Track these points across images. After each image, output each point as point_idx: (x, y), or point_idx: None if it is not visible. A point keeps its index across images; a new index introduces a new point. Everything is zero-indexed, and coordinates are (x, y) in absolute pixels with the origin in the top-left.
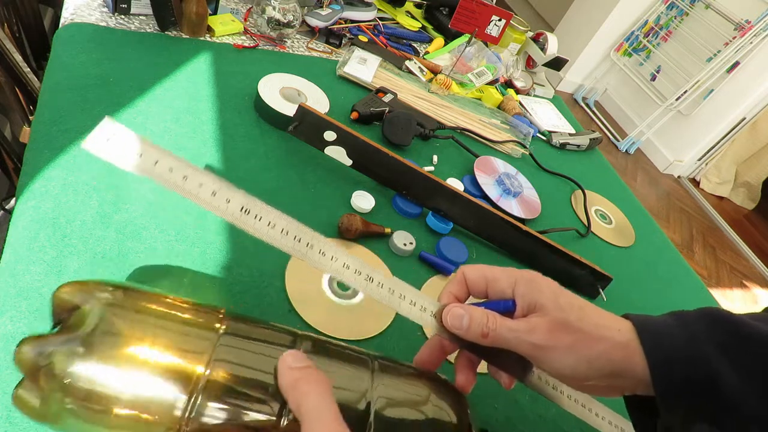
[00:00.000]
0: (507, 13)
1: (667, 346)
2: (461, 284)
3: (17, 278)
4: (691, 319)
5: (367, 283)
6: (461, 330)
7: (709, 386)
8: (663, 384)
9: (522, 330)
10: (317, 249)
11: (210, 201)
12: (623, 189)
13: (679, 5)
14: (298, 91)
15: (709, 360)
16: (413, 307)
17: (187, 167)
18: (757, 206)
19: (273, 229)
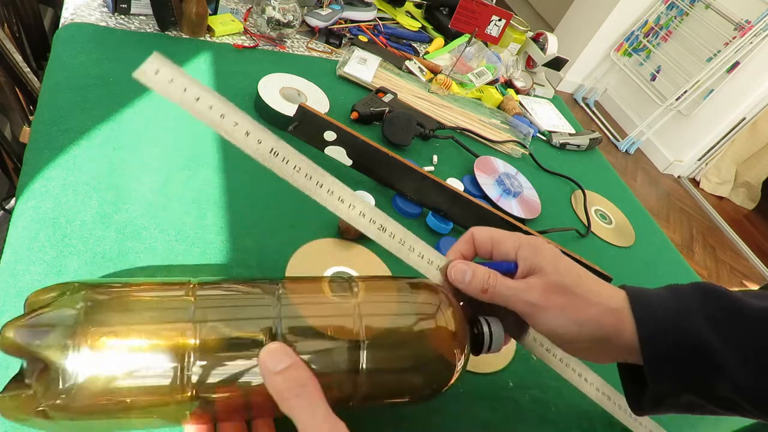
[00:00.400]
0: (507, 13)
1: (658, 315)
2: (469, 243)
3: (17, 278)
4: (684, 292)
5: (380, 232)
6: (463, 284)
7: (697, 357)
8: (651, 351)
9: (519, 288)
10: (337, 195)
11: (244, 140)
12: (623, 189)
13: (679, 5)
14: (298, 91)
15: (699, 331)
16: (421, 259)
17: (225, 106)
18: (757, 206)
19: (298, 173)
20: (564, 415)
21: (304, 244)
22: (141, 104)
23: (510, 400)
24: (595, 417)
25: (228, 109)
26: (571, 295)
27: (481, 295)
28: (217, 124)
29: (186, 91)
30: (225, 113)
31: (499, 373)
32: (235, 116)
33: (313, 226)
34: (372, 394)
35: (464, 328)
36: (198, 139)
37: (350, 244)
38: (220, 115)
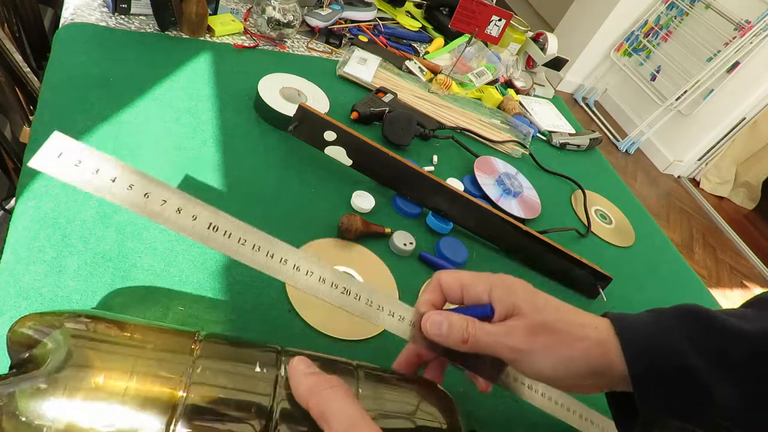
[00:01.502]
0: (507, 13)
1: (642, 340)
2: (437, 291)
3: (17, 278)
4: (666, 314)
5: (344, 296)
6: (441, 337)
7: (682, 377)
8: (639, 374)
9: (501, 334)
10: (291, 264)
11: (176, 220)
12: (623, 189)
13: (679, 5)
14: (298, 91)
15: (682, 353)
16: (392, 318)
17: (148, 182)
18: (757, 206)
19: (243, 246)
20: None
21: (304, 244)
22: (141, 104)
23: (510, 400)
24: None
25: (152, 185)
26: (556, 333)
27: (462, 345)
28: (139, 206)
29: (98, 173)
30: (149, 191)
31: None
32: (161, 192)
33: (313, 226)
34: None
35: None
36: (198, 139)
37: (350, 244)
38: (144, 195)
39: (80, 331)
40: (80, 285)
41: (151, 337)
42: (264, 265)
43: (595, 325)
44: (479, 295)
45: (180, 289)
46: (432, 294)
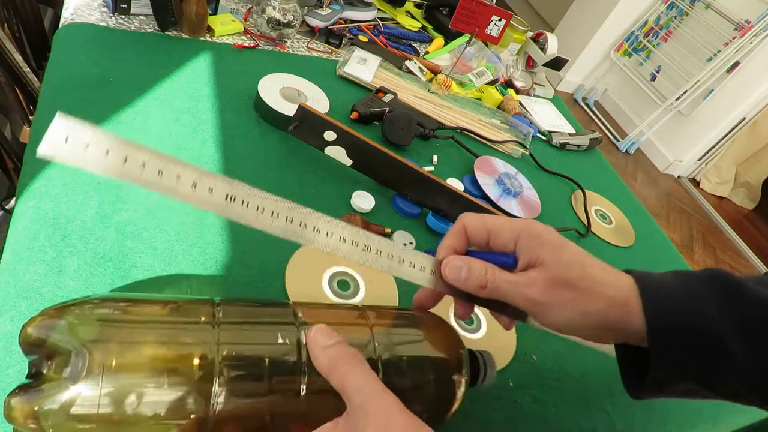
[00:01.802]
0: (507, 13)
1: (666, 303)
2: (460, 235)
3: (17, 278)
4: (693, 277)
5: (365, 253)
6: (459, 281)
7: (706, 347)
8: (657, 338)
9: (520, 283)
10: (311, 227)
11: (192, 194)
12: (623, 189)
13: (679, 5)
14: (298, 91)
15: (706, 318)
16: (413, 269)
17: (160, 159)
18: (757, 206)
19: (262, 213)
20: (564, 415)
21: None
22: (141, 104)
23: (510, 400)
24: (595, 417)
25: (165, 162)
26: (576, 290)
27: (480, 291)
28: (155, 184)
29: (109, 154)
30: (162, 168)
31: (499, 373)
32: (175, 168)
33: None
34: None
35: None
36: (198, 139)
37: None
38: (158, 172)
39: (105, 314)
40: (80, 285)
41: (171, 309)
42: (285, 231)
43: (619, 285)
44: (505, 242)
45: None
46: (454, 238)
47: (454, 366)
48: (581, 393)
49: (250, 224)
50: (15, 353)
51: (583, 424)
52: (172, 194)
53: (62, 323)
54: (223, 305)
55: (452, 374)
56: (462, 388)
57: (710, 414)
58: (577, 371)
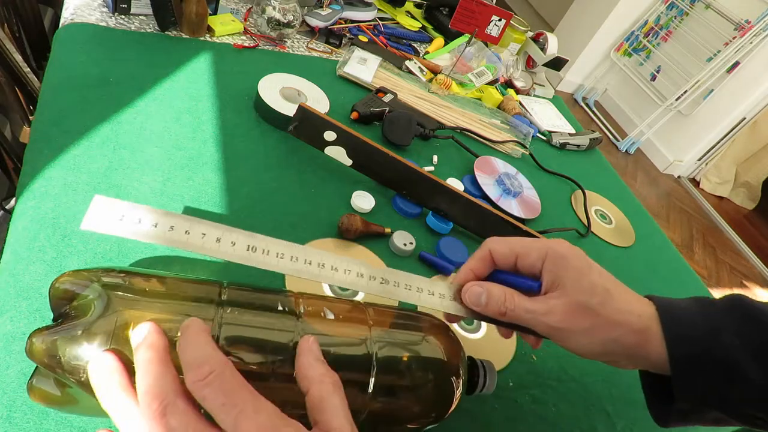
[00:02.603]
0: (507, 13)
1: (686, 330)
2: (484, 260)
3: (17, 278)
4: (714, 304)
5: (384, 286)
6: (479, 307)
7: (726, 375)
8: (679, 367)
9: (539, 312)
10: (329, 266)
11: (217, 249)
12: (623, 189)
13: (679, 5)
14: (298, 91)
15: (725, 346)
16: (432, 296)
17: (185, 221)
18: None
19: (282, 259)
20: (564, 415)
21: (304, 244)
22: (141, 104)
23: (510, 400)
24: (595, 417)
25: (190, 223)
26: (596, 317)
27: (500, 317)
28: (184, 243)
29: (141, 222)
30: (188, 228)
31: (499, 373)
32: (199, 227)
33: (313, 226)
34: (376, 413)
35: (463, 367)
36: (198, 139)
37: (350, 244)
38: (185, 232)
39: (117, 283)
40: None
41: (183, 286)
42: (307, 272)
43: (639, 312)
44: (533, 263)
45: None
46: (478, 263)
47: (450, 370)
48: (581, 393)
49: (273, 269)
50: (15, 353)
51: (583, 424)
52: (199, 251)
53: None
54: (229, 288)
55: (448, 378)
56: (457, 394)
57: None
58: (577, 371)
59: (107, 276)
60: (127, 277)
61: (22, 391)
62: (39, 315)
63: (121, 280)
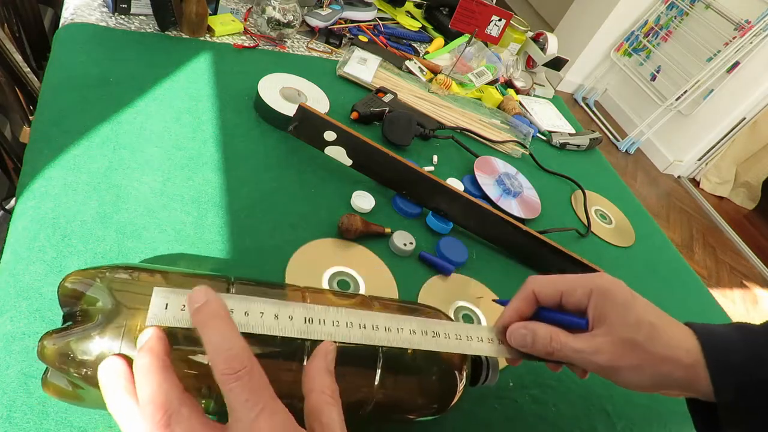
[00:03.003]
0: (507, 13)
1: (730, 360)
2: (527, 300)
3: (17, 278)
4: (755, 331)
5: (436, 339)
6: (526, 348)
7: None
8: (725, 401)
9: (587, 352)
10: (383, 327)
11: (276, 325)
12: (623, 189)
13: (679, 5)
14: (298, 91)
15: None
16: (481, 342)
17: (242, 302)
18: (757, 206)
19: (338, 327)
20: (564, 415)
21: (304, 244)
22: (141, 104)
23: (510, 400)
24: (595, 417)
25: (248, 303)
26: (644, 353)
27: (548, 357)
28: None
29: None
30: (248, 309)
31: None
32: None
33: (313, 226)
34: (382, 404)
35: (466, 359)
36: (198, 139)
37: (350, 244)
38: (245, 314)
39: (125, 280)
40: None
41: (192, 281)
42: (364, 337)
43: (687, 347)
44: (579, 300)
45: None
46: (521, 303)
47: (455, 363)
48: (581, 393)
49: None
50: (15, 353)
51: (583, 424)
52: (261, 330)
53: (98, 280)
54: (237, 283)
55: (452, 371)
56: (460, 386)
57: None
58: None
59: (115, 273)
60: (135, 273)
61: (23, 391)
62: (39, 315)
63: (129, 276)
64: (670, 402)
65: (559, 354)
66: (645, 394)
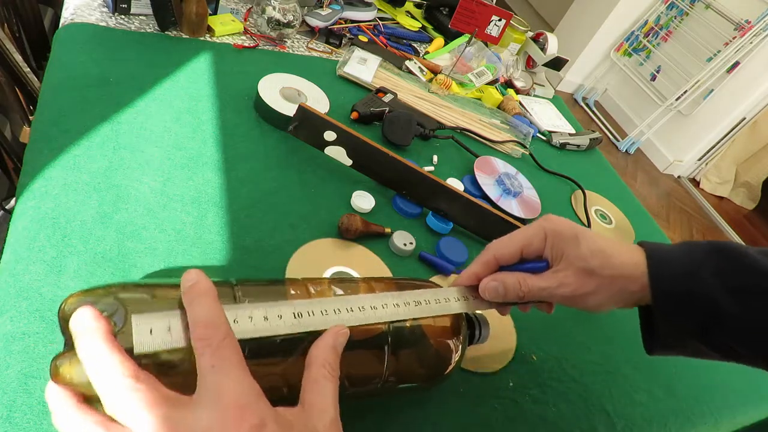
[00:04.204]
0: (507, 13)
1: (668, 270)
2: (488, 265)
3: (17, 278)
4: (697, 247)
5: (422, 307)
6: (499, 298)
7: (702, 309)
8: (660, 302)
9: (552, 287)
10: (369, 306)
11: (267, 327)
12: (623, 189)
13: (679, 5)
14: (298, 91)
15: (703, 282)
16: (457, 302)
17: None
18: (757, 206)
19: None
20: (564, 415)
21: (304, 244)
22: (141, 104)
23: (510, 400)
24: (595, 417)
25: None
26: (600, 278)
27: (520, 300)
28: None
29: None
30: (236, 316)
31: (499, 373)
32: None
33: (313, 226)
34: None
35: (462, 325)
36: (198, 139)
37: (350, 244)
38: (234, 321)
39: (131, 298)
40: (80, 285)
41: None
42: (353, 319)
43: (635, 263)
44: (537, 249)
45: None
46: (480, 267)
47: (453, 329)
48: (581, 393)
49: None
50: (15, 353)
51: (583, 424)
52: (251, 334)
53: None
54: (240, 285)
55: (451, 337)
56: (459, 349)
57: (711, 414)
58: (577, 371)
59: (119, 291)
60: (139, 289)
61: (23, 391)
62: (39, 315)
63: (134, 293)
64: (670, 401)
65: (529, 296)
66: (644, 393)
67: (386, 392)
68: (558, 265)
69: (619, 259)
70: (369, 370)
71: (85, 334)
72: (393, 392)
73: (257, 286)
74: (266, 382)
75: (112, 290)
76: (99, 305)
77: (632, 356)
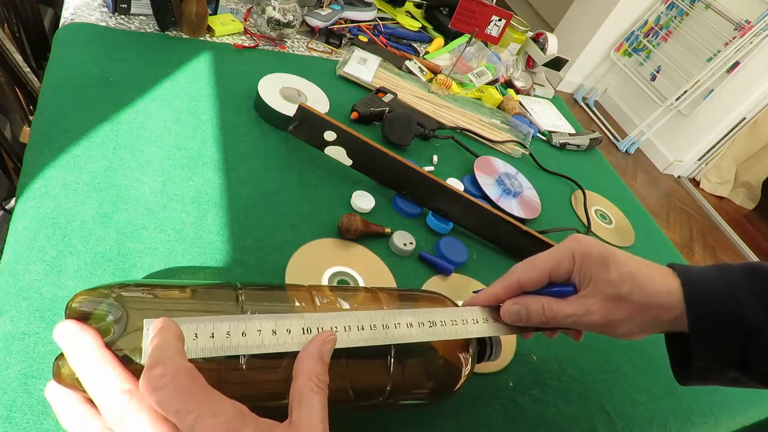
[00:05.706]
0: (507, 13)
1: (704, 293)
2: (509, 290)
3: (17, 278)
4: (733, 270)
5: (435, 329)
6: (522, 322)
7: (739, 330)
8: (696, 327)
9: (578, 314)
10: (380, 325)
11: (276, 342)
12: (623, 189)
13: (679, 5)
14: (298, 91)
15: (742, 305)
16: (476, 324)
17: (239, 322)
18: (757, 206)
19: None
20: (564, 415)
21: (304, 244)
22: (141, 104)
23: (510, 400)
24: (595, 417)
25: (245, 322)
26: (630, 305)
27: (543, 326)
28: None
29: (198, 337)
30: (245, 329)
31: (499, 373)
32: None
33: (313, 226)
34: (397, 389)
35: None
36: (198, 139)
37: (350, 244)
38: (242, 334)
39: (134, 297)
40: (80, 285)
41: (199, 292)
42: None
43: (668, 290)
44: (566, 272)
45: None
46: (502, 291)
47: (462, 344)
48: (581, 393)
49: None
50: (15, 353)
51: (583, 424)
52: (260, 349)
53: (105, 300)
54: (244, 289)
55: (460, 352)
56: (468, 366)
57: (711, 414)
58: (577, 371)
59: (123, 291)
60: (145, 288)
61: (23, 391)
62: (39, 315)
63: (139, 293)
64: (670, 401)
65: (553, 322)
66: (644, 393)
67: (391, 406)
68: (585, 290)
69: (652, 285)
70: (373, 380)
71: (74, 350)
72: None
73: (261, 290)
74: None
75: (115, 290)
76: (103, 307)
77: (632, 356)
